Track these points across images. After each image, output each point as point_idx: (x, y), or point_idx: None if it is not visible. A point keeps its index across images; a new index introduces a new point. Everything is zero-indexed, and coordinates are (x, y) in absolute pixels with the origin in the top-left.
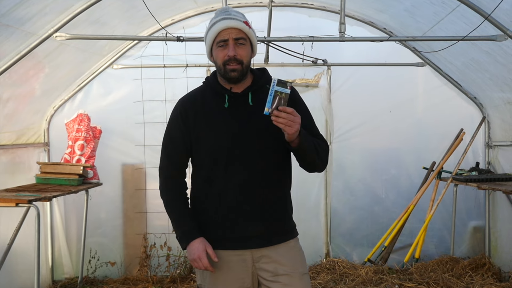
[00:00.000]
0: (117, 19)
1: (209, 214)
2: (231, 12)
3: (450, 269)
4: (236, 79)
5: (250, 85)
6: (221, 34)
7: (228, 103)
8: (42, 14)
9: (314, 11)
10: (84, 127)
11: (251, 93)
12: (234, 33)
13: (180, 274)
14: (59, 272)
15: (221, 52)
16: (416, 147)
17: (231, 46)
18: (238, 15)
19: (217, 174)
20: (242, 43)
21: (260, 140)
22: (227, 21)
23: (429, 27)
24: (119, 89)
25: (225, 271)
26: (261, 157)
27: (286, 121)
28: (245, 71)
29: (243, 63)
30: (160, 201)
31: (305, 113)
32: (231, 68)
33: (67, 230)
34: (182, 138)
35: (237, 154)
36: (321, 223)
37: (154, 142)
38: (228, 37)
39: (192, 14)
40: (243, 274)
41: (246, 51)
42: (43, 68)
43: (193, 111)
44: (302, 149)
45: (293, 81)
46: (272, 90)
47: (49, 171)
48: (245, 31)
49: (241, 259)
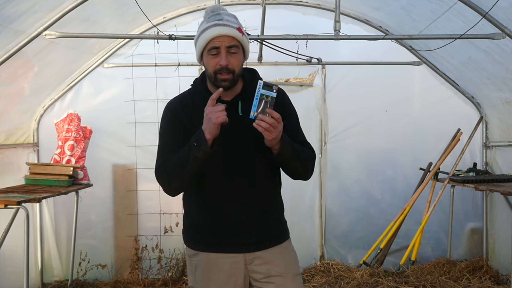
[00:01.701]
0: (108, 17)
1: (200, 223)
2: (223, 16)
3: (447, 271)
4: (227, 88)
5: (240, 93)
6: (213, 41)
7: None
8: (32, 12)
9: (309, 9)
10: (74, 127)
11: (241, 101)
12: (226, 41)
13: (172, 276)
14: (49, 275)
15: (213, 60)
16: (412, 148)
17: (223, 55)
18: (230, 20)
19: (207, 184)
20: (234, 52)
21: (250, 151)
22: (220, 28)
23: (426, 25)
24: (110, 89)
25: (217, 273)
26: (252, 167)
27: (268, 126)
28: (236, 80)
29: (234, 72)
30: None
31: (293, 119)
32: (222, 78)
33: (57, 232)
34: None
35: (227, 164)
36: (316, 225)
37: (145, 143)
38: (220, 45)
39: (184, 12)
40: (235, 276)
41: (238, 59)
42: (32, 67)
43: (185, 115)
44: (283, 156)
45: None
46: (258, 94)
47: (38, 172)
48: (238, 39)
49: (234, 261)
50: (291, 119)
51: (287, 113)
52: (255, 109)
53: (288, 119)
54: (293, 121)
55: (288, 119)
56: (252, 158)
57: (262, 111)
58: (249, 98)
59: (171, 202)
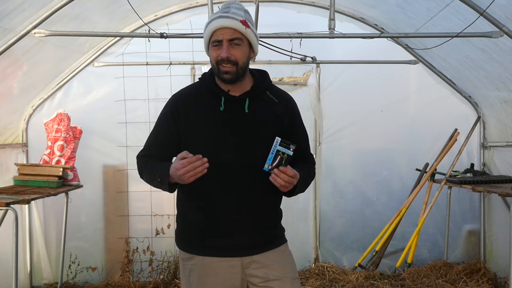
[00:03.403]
0: (98, 15)
1: (196, 223)
2: (231, 8)
3: (444, 274)
4: (230, 80)
5: (249, 90)
6: (215, 34)
7: (224, 106)
8: (20, 9)
9: (303, 7)
10: (64, 127)
11: (248, 99)
12: (228, 34)
13: (164, 279)
14: (38, 277)
15: (215, 52)
16: (408, 148)
17: (225, 47)
18: (237, 12)
19: (205, 182)
20: (237, 44)
21: (252, 150)
22: (222, 20)
23: (422, 23)
24: (100, 88)
25: (213, 277)
26: (252, 167)
27: (284, 183)
28: (240, 72)
29: (238, 64)
30: (142, 204)
31: (302, 130)
32: (224, 69)
33: (46, 234)
34: (169, 136)
35: (227, 162)
36: (310, 227)
37: (136, 143)
38: (222, 38)
39: (176, 9)
40: (232, 281)
41: (242, 51)
42: (21, 66)
43: (185, 111)
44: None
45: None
46: (274, 149)
47: (27, 172)
48: (241, 31)
49: (230, 265)
50: (301, 129)
51: (297, 123)
52: (270, 162)
53: (298, 129)
54: (302, 131)
55: (298, 129)
56: (253, 159)
57: (277, 166)
58: (257, 96)
59: (162, 203)
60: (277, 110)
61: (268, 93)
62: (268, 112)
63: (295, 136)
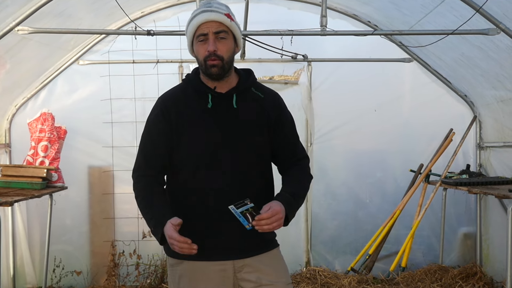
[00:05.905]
0: (83, 12)
1: (185, 226)
2: (213, 4)
3: (439, 278)
4: (217, 75)
5: (235, 86)
6: (201, 28)
7: (212, 103)
8: (3, 6)
9: (294, 3)
10: (48, 127)
11: (235, 95)
12: (214, 27)
13: (151, 284)
14: (21, 281)
15: (202, 47)
16: (402, 149)
17: (211, 40)
18: (220, 7)
19: (197, 180)
20: (223, 37)
21: (243, 146)
22: (207, 14)
23: (417, 20)
24: (85, 87)
25: (204, 282)
26: (244, 163)
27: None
28: (226, 67)
29: (223, 59)
30: (129, 206)
31: (291, 128)
32: (211, 64)
33: (30, 237)
34: (165, 139)
35: (219, 159)
36: (301, 230)
37: (122, 143)
38: (208, 31)
39: (163, 6)
40: (224, 285)
41: (228, 45)
42: (4, 64)
43: (175, 111)
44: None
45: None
46: (238, 215)
47: (10, 174)
48: (226, 24)
49: (221, 269)
50: (289, 128)
51: (284, 119)
52: (246, 223)
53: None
54: (291, 131)
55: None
56: (244, 155)
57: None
58: (244, 92)
59: None
60: (264, 105)
61: (253, 90)
62: (256, 107)
63: (282, 129)
